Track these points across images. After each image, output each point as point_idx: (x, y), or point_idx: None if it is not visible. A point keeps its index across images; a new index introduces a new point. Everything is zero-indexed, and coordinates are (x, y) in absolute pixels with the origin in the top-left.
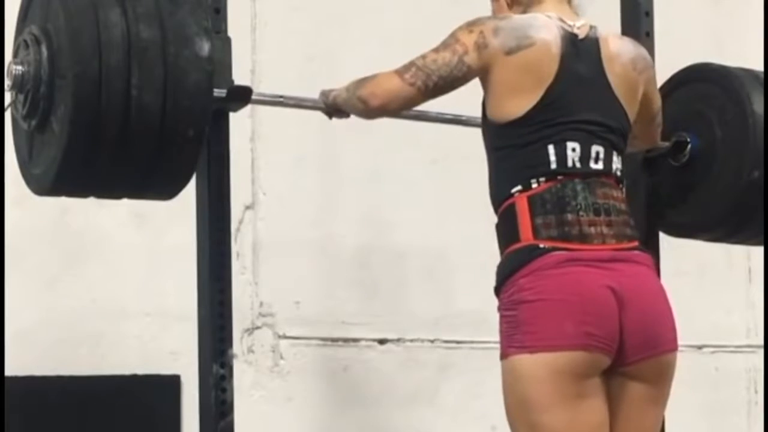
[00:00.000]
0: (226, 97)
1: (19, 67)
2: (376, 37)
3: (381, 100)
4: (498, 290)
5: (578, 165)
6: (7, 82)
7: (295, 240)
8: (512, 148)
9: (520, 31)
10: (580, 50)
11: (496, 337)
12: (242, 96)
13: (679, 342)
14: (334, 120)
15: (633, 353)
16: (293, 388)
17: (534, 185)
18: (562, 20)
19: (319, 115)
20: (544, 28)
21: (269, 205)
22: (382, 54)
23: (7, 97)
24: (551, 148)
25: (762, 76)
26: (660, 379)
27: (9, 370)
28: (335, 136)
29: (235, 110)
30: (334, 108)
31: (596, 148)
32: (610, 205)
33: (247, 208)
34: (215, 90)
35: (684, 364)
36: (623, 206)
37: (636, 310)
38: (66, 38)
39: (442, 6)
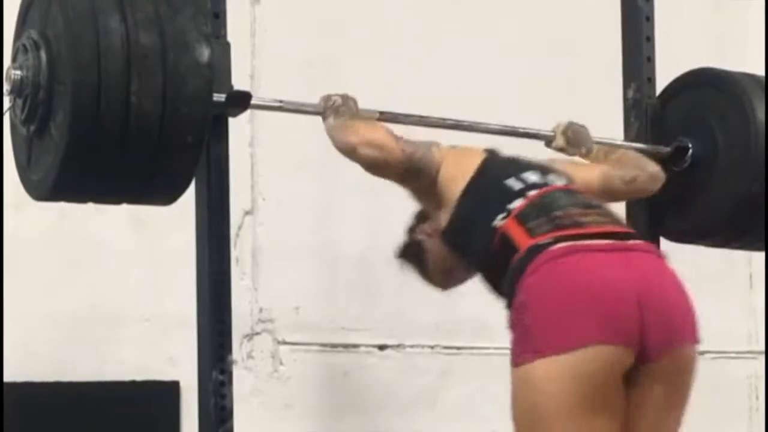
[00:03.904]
0: (225, 102)
1: (18, 72)
2: (375, 43)
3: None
4: (509, 303)
5: (541, 183)
6: (6, 86)
7: (294, 245)
8: (472, 210)
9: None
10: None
11: (496, 343)
12: (241, 101)
13: None
14: None
15: (656, 346)
16: (293, 394)
17: (513, 207)
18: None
19: (319, 121)
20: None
21: (269, 210)
22: (382, 59)
23: (6, 102)
24: (509, 182)
25: (763, 80)
26: (682, 379)
27: (8, 376)
28: None
29: (234, 115)
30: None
31: (554, 177)
32: (597, 203)
33: (247, 213)
34: (214, 95)
35: None
36: (612, 210)
37: (655, 296)
38: (65, 44)
39: (441, 12)
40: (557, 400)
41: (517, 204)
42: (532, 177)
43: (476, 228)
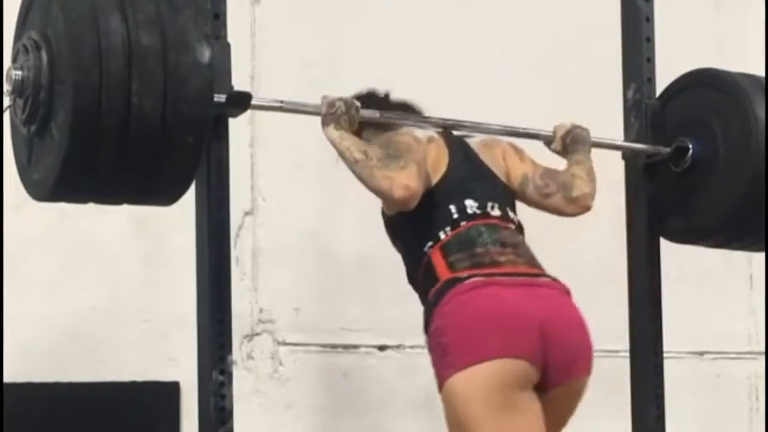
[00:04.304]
0: (225, 102)
1: (19, 72)
2: (375, 43)
3: None
4: (426, 329)
5: (478, 212)
6: (6, 87)
7: (294, 246)
8: (415, 219)
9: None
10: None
11: None
12: (242, 101)
13: (681, 348)
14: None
15: (557, 374)
16: (293, 394)
17: (442, 236)
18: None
19: (319, 121)
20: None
21: (269, 211)
22: (382, 59)
23: (6, 102)
24: (452, 207)
25: (763, 80)
26: (572, 405)
27: (8, 377)
28: None
29: (234, 116)
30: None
31: (492, 203)
32: (517, 242)
33: (247, 213)
34: (215, 95)
35: (685, 370)
36: (529, 248)
37: (556, 330)
38: (66, 44)
39: (441, 12)
40: (475, 405)
41: (447, 234)
42: (471, 206)
43: (412, 242)
